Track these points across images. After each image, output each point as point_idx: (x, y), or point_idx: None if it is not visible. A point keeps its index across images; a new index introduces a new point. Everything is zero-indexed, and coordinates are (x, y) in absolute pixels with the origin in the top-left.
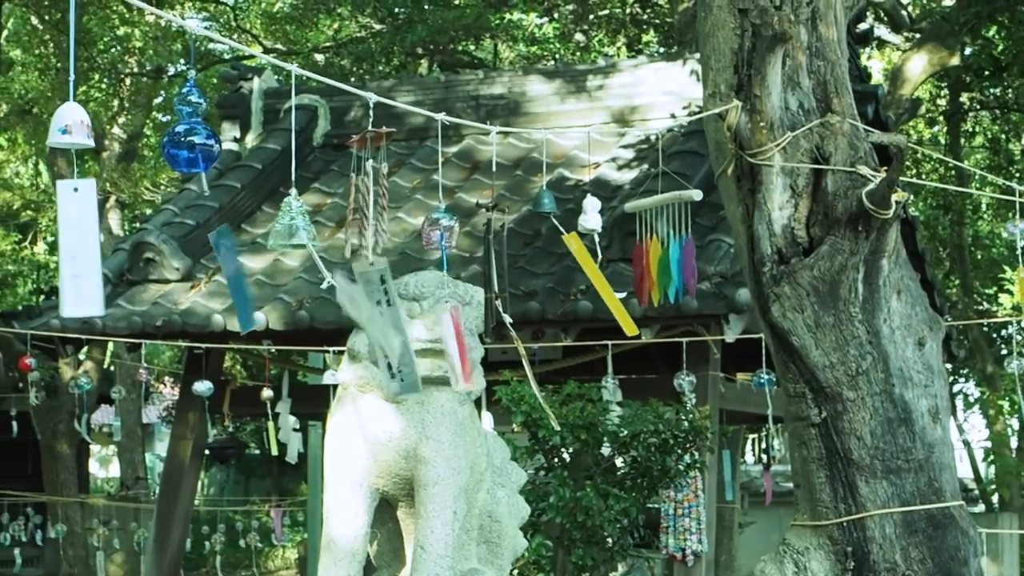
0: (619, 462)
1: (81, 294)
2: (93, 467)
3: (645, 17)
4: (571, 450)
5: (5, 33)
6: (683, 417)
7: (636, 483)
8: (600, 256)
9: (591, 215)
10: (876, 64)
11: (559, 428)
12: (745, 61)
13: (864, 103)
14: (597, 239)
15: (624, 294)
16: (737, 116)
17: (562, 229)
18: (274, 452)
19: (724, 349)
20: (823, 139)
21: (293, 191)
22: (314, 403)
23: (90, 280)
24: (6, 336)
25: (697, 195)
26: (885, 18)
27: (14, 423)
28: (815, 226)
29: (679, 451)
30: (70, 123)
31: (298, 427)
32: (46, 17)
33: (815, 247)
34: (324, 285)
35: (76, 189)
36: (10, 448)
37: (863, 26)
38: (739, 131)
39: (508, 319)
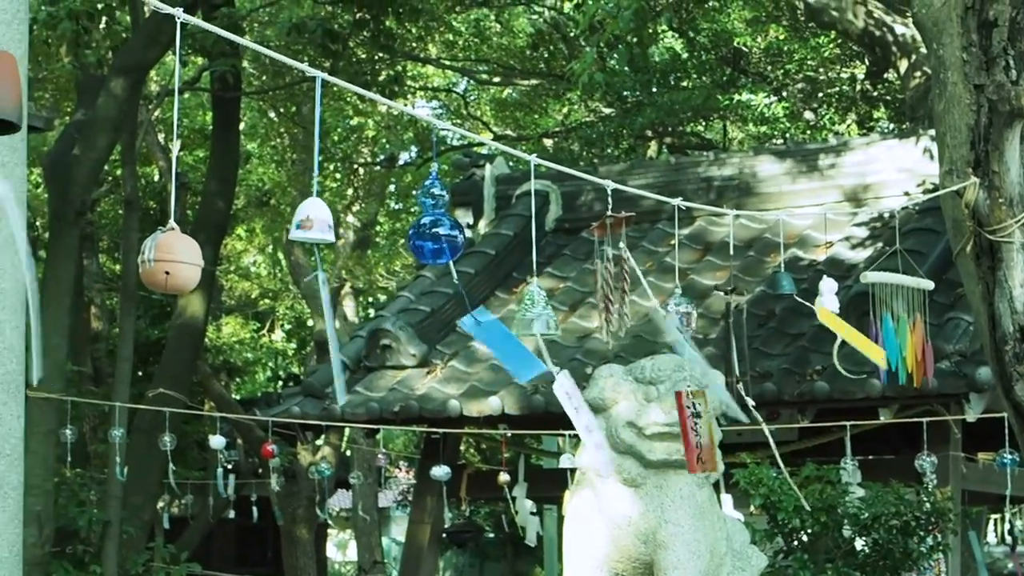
0: (860, 544)
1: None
2: (331, 551)
3: (875, 94)
4: (811, 533)
5: (242, 127)
6: (925, 498)
7: (878, 566)
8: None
9: (827, 296)
10: None
11: (809, 508)
12: (982, 137)
13: None
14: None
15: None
16: (975, 193)
17: (809, 306)
18: (528, 539)
19: (965, 428)
20: None
21: (534, 280)
22: (549, 487)
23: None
24: (246, 423)
25: (929, 285)
26: None
27: (255, 508)
28: None
29: (921, 533)
30: (310, 217)
31: (535, 510)
32: (281, 110)
33: None
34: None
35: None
36: (251, 533)
37: None
38: (977, 208)
39: (751, 401)
